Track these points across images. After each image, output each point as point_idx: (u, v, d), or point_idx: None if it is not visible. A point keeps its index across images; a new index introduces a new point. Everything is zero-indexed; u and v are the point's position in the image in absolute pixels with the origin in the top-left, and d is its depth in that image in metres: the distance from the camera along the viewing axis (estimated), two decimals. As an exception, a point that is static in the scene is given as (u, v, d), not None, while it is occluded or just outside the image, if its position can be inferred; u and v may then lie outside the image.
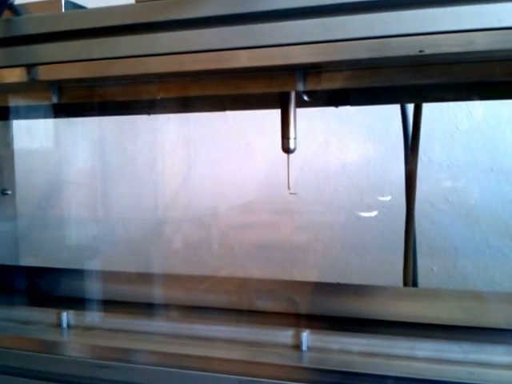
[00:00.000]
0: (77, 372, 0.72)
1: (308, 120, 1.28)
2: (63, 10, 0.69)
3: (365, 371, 0.63)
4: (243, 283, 0.95)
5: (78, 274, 1.01)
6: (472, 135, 1.22)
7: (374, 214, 1.29)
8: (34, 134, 1.39)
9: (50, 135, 1.40)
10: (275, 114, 0.79)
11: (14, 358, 0.75)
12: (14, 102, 0.80)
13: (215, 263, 1.41)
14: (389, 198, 1.27)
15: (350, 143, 1.31)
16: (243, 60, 0.62)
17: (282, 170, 0.80)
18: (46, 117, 0.96)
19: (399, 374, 0.62)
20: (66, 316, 0.81)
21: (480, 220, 1.22)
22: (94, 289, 0.97)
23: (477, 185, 1.23)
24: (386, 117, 1.23)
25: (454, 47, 0.53)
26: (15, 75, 0.72)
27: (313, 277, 1.33)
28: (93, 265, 1.15)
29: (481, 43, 0.52)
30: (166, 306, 0.90)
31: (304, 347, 0.70)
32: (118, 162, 1.48)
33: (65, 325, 0.81)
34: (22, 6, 0.71)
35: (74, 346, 0.76)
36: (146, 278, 0.99)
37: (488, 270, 1.22)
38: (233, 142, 1.38)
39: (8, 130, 1.10)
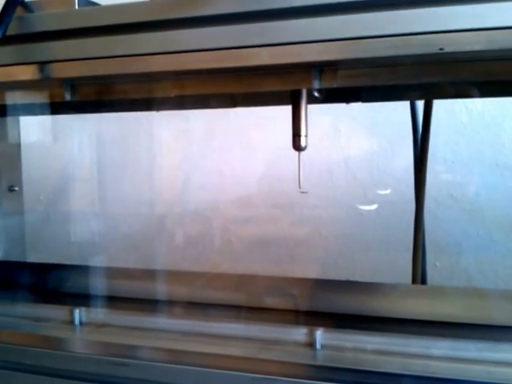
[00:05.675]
0: (88, 369, 0.73)
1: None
2: (76, 7, 0.69)
3: (379, 369, 0.63)
4: (250, 280, 0.95)
5: (86, 270, 1.01)
6: (477, 130, 1.22)
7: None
8: (36, 131, 1.38)
9: (54, 131, 1.40)
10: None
11: (25, 354, 0.76)
12: (26, 99, 0.80)
13: (215, 256, 1.41)
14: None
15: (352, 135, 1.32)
16: (259, 58, 0.61)
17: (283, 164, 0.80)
18: (53, 113, 0.95)
19: (414, 373, 0.62)
20: (78, 313, 0.81)
21: (484, 215, 1.22)
22: (103, 285, 0.97)
23: (481, 180, 1.23)
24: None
25: (474, 45, 0.53)
26: (28, 72, 0.71)
27: (317, 272, 1.33)
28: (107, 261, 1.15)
29: (502, 41, 0.52)
30: (179, 304, 0.90)
31: (318, 345, 0.70)
32: (121, 158, 1.48)
33: (77, 322, 0.81)
34: (35, 2, 0.70)
35: (86, 344, 0.76)
36: (160, 274, 0.99)
37: (492, 265, 1.22)
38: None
39: (15, 126, 1.09)
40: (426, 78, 0.65)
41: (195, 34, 0.64)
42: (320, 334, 0.70)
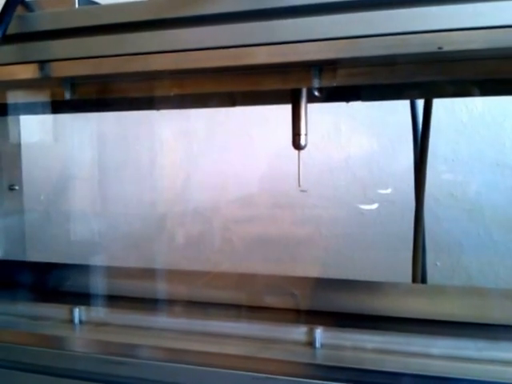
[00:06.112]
0: (88, 368, 0.72)
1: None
2: (77, 6, 0.69)
3: (379, 368, 0.63)
4: (250, 279, 0.95)
5: (86, 269, 1.01)
6: (477, 129, 1.22)
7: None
8: (36, 130, 1.39)
9: (54, 131, 1.40)
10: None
11: (25, 353, 0.76)
12: (26, 98, 0.80)
13: (216, 255, 1.41)
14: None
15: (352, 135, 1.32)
16: (259, 57, 0.61)
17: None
18: (53, 112, 0.95)
19: (413, 372, 0.62)
20: (78, 312, 0.81)
21: (485, 215, 1.22)
22: (102, 284, 0.97)
23: (482, 179, 1.22)
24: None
25: (473, 44, 0.53)
26: (28, 71, 0.71)
27: (317, 271, 1.33)
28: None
29: (501, 40, 0.52)
30: (179, 302, 0.90)
31: (317, 344, 0.70)
32: (122, 157, 1.48)
33: (77, 320, 0.81)
34: (35, 2, 0.70)
35: (86, 342, 0.76)
36: (160, 273, 0.99)
37: (492, 265, 1.22)
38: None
39: (15, 125, 1.10)
40: (425, 76, 0.65)
41: (195, 33, 0.64)
42: (320, 333, 0.70)
